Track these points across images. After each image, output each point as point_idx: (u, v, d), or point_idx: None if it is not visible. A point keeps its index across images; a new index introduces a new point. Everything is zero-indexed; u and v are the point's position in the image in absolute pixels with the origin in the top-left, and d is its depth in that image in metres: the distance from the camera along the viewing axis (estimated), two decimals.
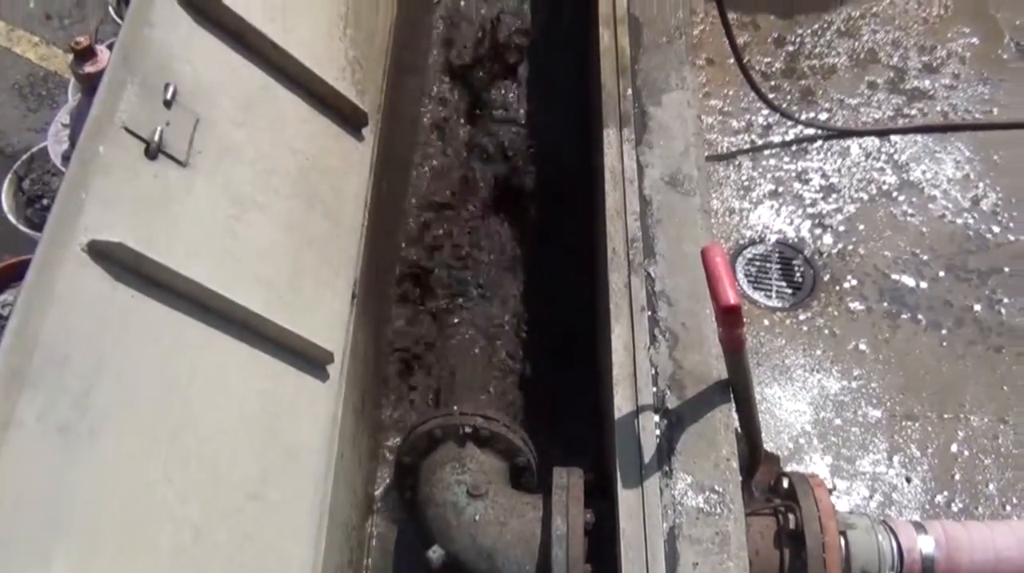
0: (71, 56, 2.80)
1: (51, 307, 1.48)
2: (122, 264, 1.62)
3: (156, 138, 1.77)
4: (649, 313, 2.19)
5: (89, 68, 2.74)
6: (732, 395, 2.02)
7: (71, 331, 1.50)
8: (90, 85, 2.76)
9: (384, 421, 2.81)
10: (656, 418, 2.03)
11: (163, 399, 1.65)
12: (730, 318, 1.67)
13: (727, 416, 2.03)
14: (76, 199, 1.59)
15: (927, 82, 4.24)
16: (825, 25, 4.50)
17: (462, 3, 3.64)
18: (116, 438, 1.53)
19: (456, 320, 2.97)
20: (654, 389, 2.07)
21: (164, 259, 1.68)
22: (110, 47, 2.84)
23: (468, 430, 2.30)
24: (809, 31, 4.48)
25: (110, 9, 4.05)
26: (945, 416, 3.29)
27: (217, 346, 1.81)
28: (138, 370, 1.61)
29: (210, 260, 1.84)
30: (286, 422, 1.95)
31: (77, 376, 1.48)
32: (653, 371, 2.10)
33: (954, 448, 3.23)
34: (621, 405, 2.05)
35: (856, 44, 4.41)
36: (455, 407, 2.37)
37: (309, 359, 2.05)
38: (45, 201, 3.44)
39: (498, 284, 3.06)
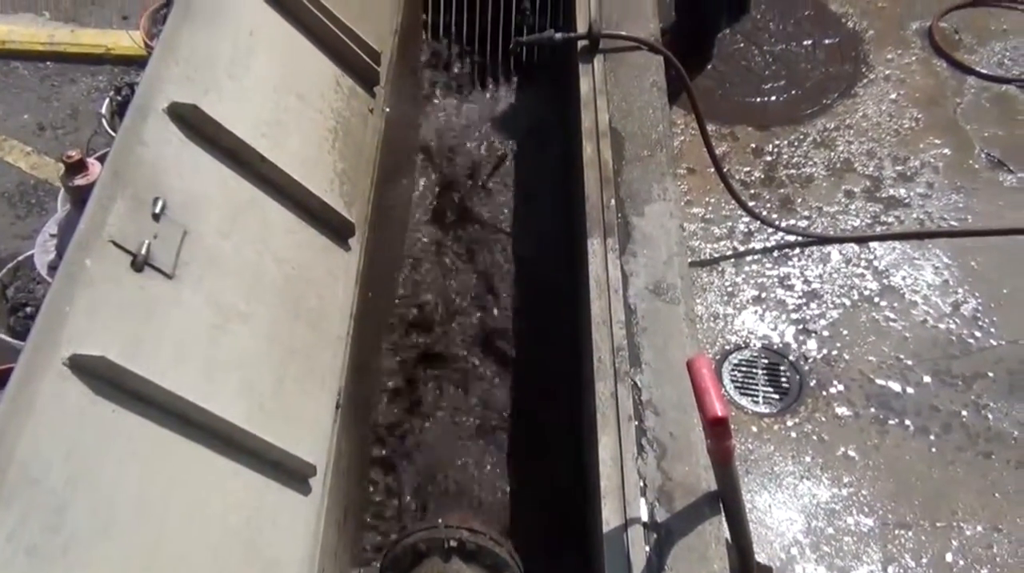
0: (62, 168, 2.85)
1: (29, 422, 1.45)
2: (104, 378, 1.60)
3: (143, 251, 1.77)
4: (636, 423, 2.17)
5: (80, 181, 2.79)
6: (722, 506, 1.99)
7: (48, 447, 1.47)
8: (80, 197, 2.81)
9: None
10: (645, 532, 1.99)
11: (140, 515, 1.61)
12: (718, 430, 1.66)
13: (717, 529, 1.99)
14: (60, 312, 1.58)
15: (903, 191, 4.36)
16: (801, 136, 4.65)
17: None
18: (90, 557, 1.48)
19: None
20: (643, 501, 2.04)
21: (146, 372, 1.66)
22: (101, 159, 2.89)
23: (453, 544, 2.24)
24: (786, 142, 4.63)
25: (103, 122, 4.15)
26: (938, 524, 3.25)
27: (197, 460, 1.78)
28: (115, 486, 1.57)
29: (193, 372, 1.82)
30: (267, 537, 1.89)
31: (51, 493, 1.44)
32: (641, 483, 2.07)
33: (949, 557, 3.17)
34: (609, 518, 2.01)
35: (832, 154, 4.55)
36: (440, 520, 2.32)
37: (291, 472, 2.01)
38: (29, 309, 3.42)
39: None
